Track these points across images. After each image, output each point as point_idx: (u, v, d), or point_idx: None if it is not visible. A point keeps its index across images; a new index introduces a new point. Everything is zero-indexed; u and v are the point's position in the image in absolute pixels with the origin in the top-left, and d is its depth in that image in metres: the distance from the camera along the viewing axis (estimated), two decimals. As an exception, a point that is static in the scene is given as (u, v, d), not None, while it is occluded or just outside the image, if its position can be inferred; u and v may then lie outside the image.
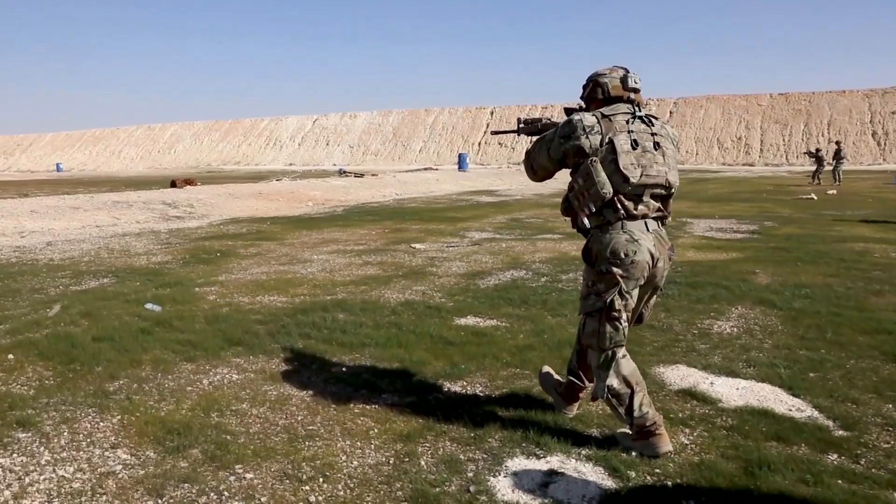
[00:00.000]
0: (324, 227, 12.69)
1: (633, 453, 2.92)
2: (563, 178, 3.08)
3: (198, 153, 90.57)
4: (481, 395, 3.69)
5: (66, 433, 3.20)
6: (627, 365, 2.95)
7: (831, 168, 26.01)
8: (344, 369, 4.09)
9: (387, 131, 79.16)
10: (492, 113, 73.88)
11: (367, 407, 3.50)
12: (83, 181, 41.32)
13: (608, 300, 2.85)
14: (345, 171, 37.70)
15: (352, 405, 3.51)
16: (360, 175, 31.61)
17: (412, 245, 9.69)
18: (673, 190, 2.94)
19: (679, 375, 3.98)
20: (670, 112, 65.46)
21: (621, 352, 2.95)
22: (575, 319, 5.36)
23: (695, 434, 3.16)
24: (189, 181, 26.02)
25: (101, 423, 3.30)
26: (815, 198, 18.79)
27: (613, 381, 2.90)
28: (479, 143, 70.63)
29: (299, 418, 3.35)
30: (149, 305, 5.84)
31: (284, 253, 9.20)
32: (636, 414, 2.88)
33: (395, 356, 4.31)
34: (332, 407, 3.49)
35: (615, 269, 2.81)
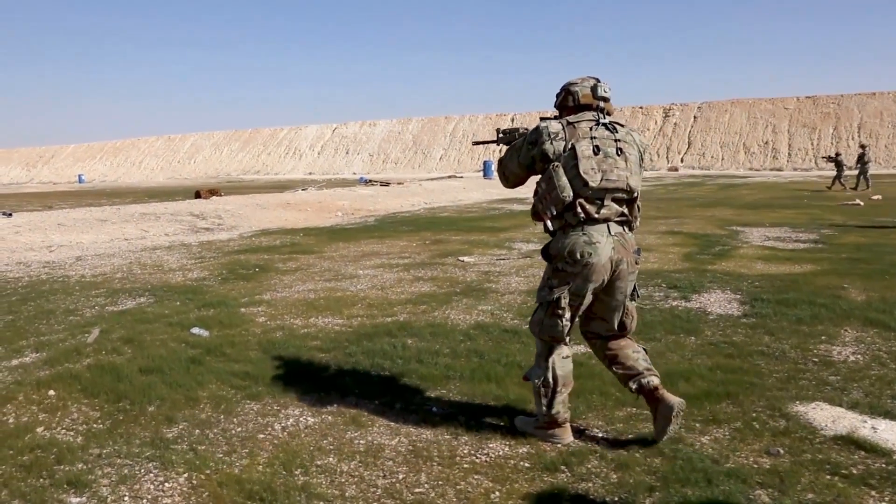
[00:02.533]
0: (360, 238, 12.19)
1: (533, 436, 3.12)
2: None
3: (217, 163, 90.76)
4: (605, 443, 3.14)
5: (126, 498, 2.68)
6: (566, 366, 3.11)
7: (856, 173, 25.18)
8: (434, 409, 3.55)
9: (407, 139, 78.81)
10: (512, 119, 73.26)
11: (476, 460, 2.96)
12: (105, 192, 41.23)
13: (556, 296, 2.99)
14: (369, 180, 37.24)
15: (458, 458, 2.97)
16: (385, 183, 31.16)
17: (460, 258, 9.15)
18: (635, 194, 3.03)
19: (828, 417, 3.40)
20: (694, 117, 64.55)
21: (565, 350, 3.12)
22: (669, 341, 4.81)
23: (886, 499, 2.58)
24: (214, 191, 25.65)
25: (167, 485, 2.78)
26: (862, 203, 18.07)
27: (549, 376, 3.06)
28: (501, 150, 69.98)
29: (400, 477, 2.81)
30: (195, 330, 5.34)
31: (326, 267, 8.70)
32: (553, 411, 3.07)
33: (487, 392, 3.77)
34: (436, 461, 2.95)
35: (569, 269, 2.94)
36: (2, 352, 4.96)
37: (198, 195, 24.83)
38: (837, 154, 26.97)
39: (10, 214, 15.20)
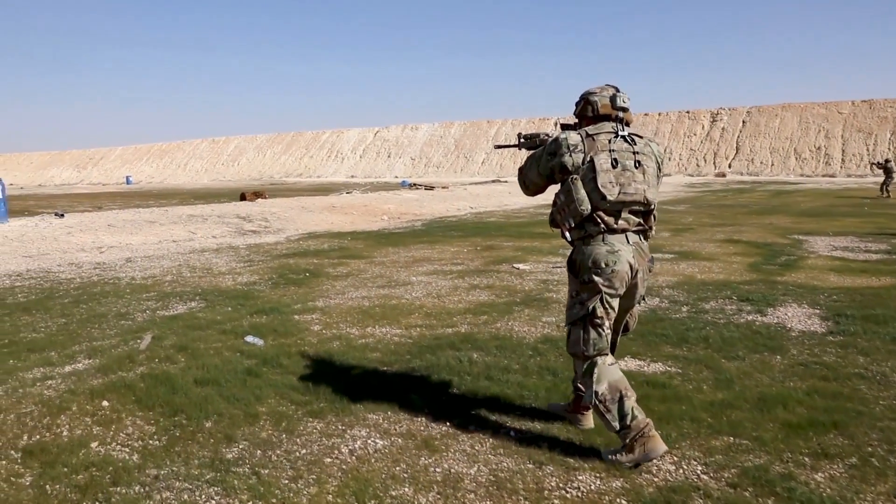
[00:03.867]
0: (409, 243, 11.97)
1: (628, 466, 2.87)
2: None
3: (260, 165, 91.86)
4: (706, 477, 2.82)
5: (188, 530, 2.46)
6: (615, 372, 2.99)
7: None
8: (512, 433, 3.27)
9: (448, 143, 78.73)
10: (556, 123, 72.60)
11: (567, 494, 2.67)
12: (153, 193, 41.90)
13: (591, 308, 2.95)
14: (417, 184, 37.03)
15: (546, 492, 2.69)
16: (430, 187, 31.00)
17: (514, 265, 8.85)
18: (652, 206, 3.03)
19: (957, 454, 3.03)
20: (742, 121, 63.19)
21: (608, 359, 3.02)
22: (753, 360, 4.45)
23: None
24: (259, 194, 25.76)
25: (231, 515, 2.55)
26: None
27: (600, 388, 2.94)
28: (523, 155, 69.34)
29: (485, 514, 2.54)
30: (249, 338, 5.15)
31: (378, 273, 8.48)
32: (629, 418, 2.88)
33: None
34: (521, 494, 2.67)
35: (597, 279, 2.92)
36: (55, 357, 4.83)
37: (243, 197, 24.97)
38: (887, 161, 25.98)
39: (63, 215, 15.37)
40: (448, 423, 3.41)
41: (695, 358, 4.53)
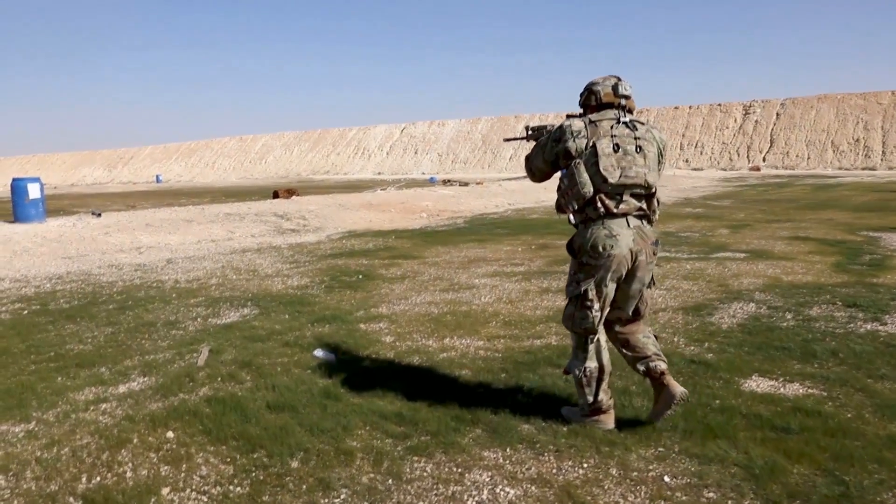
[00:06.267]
0: (458, 242, 11.42)
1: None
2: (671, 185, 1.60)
3: (288, 163, 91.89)
4: None
5: None
6: (604, 355, 3.20)
7: None
8: (666, 478, 2.70)
9: (476, 139, 78.02)
10: (567, 116, 71.56)
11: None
12: (183, 192, 41.77)
13: (583, 289, 3.08)
14: (449, 180, 36.35)
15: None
16: (464, 184, 30.40)
17: (580, 266, 8.26)
18: (653, 190, 3.10)
19: None
20: (776, 114, 61.70)
21: (602, 339, 3.22)
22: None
23: None
24: (292, 191, 25.34)
25: None
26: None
27: (591, 364, 3.16)
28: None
29: None
30: (319, 352, 4.63)
31: (436, 275, 7.94)
32: (599, 398, 3.17)
33: (720, 454, 2.89)
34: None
35: (593, 262, 3.03)
36: (107, 375, 4.35)
37: (276, 195, 24.56)
38: None
39: (100, 214, 15.04)
40: (584, 465, 2.84)
41: (834, 377, 3.92)
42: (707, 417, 3.29)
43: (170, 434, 3.31)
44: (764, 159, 58.63)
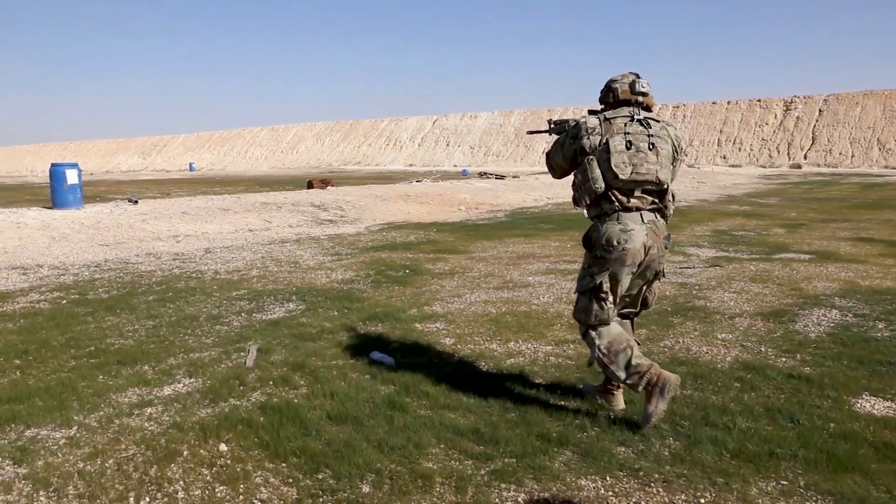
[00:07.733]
0: (502, 236, 11.04)
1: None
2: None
3: (319, 153, 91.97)
4: None
5: None
6: (614, 328, 3.19)
7: None
8: (801, 524, 2.31)
9: (508, 132, 77.29)
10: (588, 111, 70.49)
11: None
12: (216, 180, 41.83)
13: (598, 282, 3.13)
14: (485, 173, 35.77)
15: None
16: (501, 177, 29.95)
17: (637, 264, 7.83)
18: (665, 186, 3.12)
19: None
20: (819, 110, 60.12)
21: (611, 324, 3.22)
22: None
23: None
24: (327, 182, 25.13)
25: None
26: None
27: (602, 342, 3.15)
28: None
29: None
30: (376, 355, 4.29)
31: (486, 271, 7.57)
32: (633, 367, 3.05)
33: (856, 491, 2.49)
34: None
35: (608, 256, 3.08)
36: (150, 374, 4.06)
37: (310, 185, 24.37)
38: None
39: (136, 202, 14.92)
40: (699, 500, 2.46)
41: (959, 399, 3.49)
42: (829, 445, 2.89)
43: (223, 447, 2.99)
44: (805, 157, 57.17)
